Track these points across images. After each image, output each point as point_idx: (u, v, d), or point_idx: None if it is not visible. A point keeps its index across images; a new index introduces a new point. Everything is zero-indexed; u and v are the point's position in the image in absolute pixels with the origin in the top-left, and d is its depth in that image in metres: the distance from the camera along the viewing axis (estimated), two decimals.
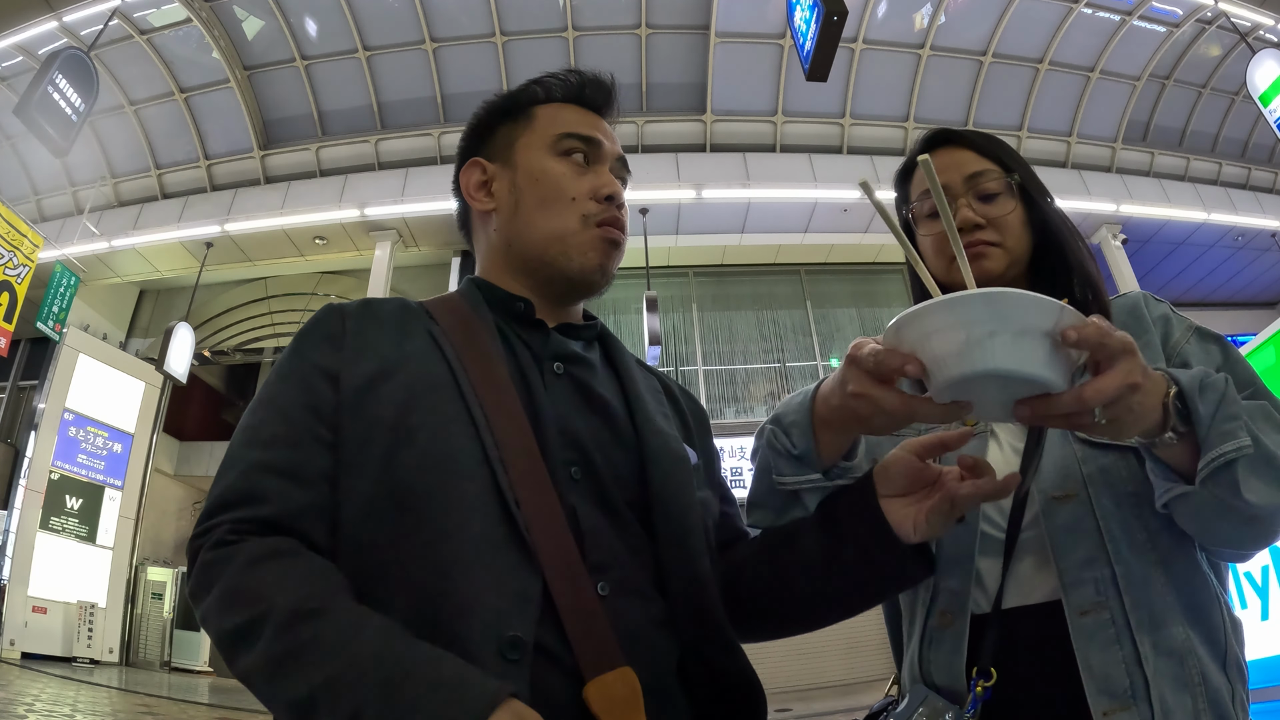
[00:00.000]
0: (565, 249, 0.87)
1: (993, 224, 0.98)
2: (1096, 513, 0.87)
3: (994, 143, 1.03)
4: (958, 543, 0.93)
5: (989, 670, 0.87)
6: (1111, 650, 0.83)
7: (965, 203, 0.98)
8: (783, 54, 10.51)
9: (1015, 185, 0.99)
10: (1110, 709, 0.81)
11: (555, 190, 0.88)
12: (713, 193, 10.58)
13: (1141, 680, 0.82)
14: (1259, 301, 13.80)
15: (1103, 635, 0.84)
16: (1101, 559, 0.86)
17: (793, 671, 9.40)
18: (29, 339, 11.79)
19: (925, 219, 1.03)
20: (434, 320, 0.85)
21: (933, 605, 0.95)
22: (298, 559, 0.68)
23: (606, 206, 0.89)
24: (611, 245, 0.89)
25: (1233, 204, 12.12)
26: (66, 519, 10.61)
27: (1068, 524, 0.88)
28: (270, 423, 0.75)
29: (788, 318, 11.80)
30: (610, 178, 0.91)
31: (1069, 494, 0.89)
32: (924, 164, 0.70)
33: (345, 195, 10.74)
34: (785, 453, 0.85)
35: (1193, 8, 10.74)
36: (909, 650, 0.98)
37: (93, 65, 8.59)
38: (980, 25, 10.78)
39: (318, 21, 10.40)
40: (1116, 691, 0.82)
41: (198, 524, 0.71)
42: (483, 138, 0.96)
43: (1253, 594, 2.49)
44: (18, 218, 9.75)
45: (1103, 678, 0.83)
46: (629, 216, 0.93)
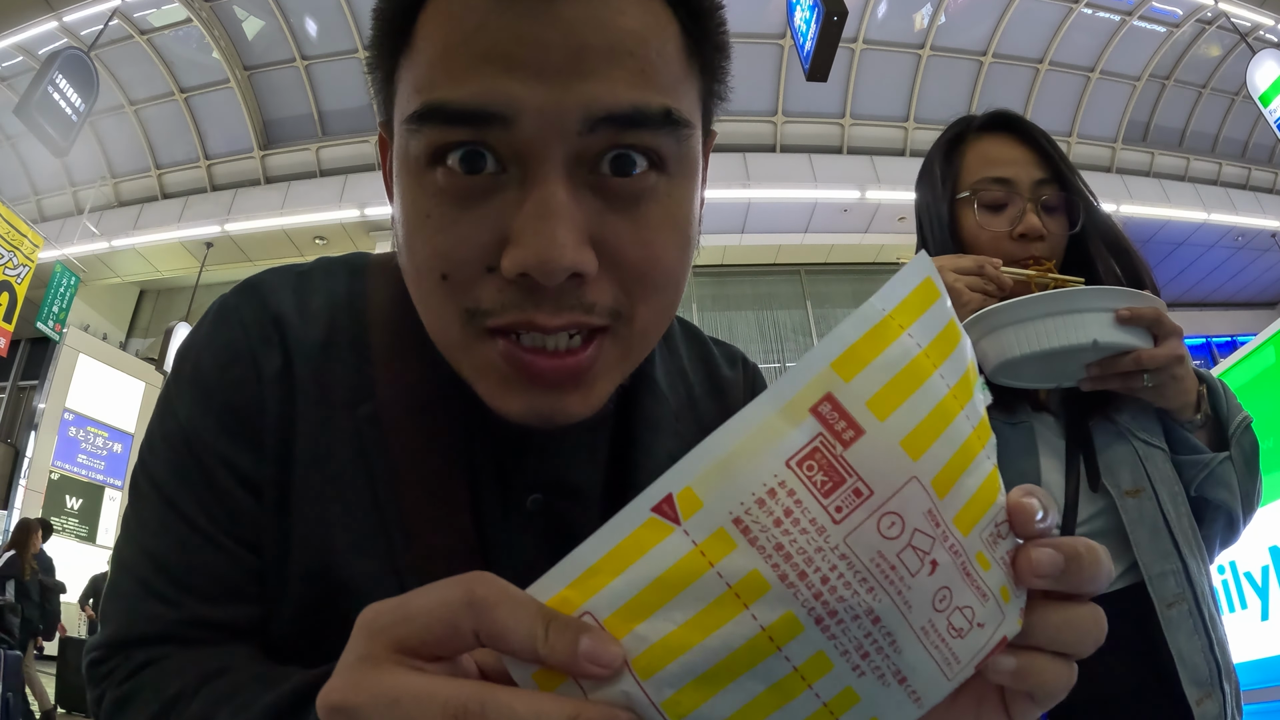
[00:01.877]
0: (462, 369, 0.45)
1: (1049, 238, 0.98)
2: (1162, 508, 0.92)
3: (1057, 151, 1.01)
4: None
5: None
6: (1194, 640, 0.87)
7: (1032, 208, 0.97)
8: (783, 54, 10.50)
9: (1072, 205, 1.00)
10: (1200, 697, 0.85)
11: (414, 254, 0.43)
12: (712, 193, 10.54)
13: (1216, 668, 0.87)
14: (1259, 301, 13.80)
15: (1186, 626, 0.88)
16: (1173, 553, 0.91)
17: None
18: (29, 339, 11.79)
19: (984, 209, 0.98)
20: (375, 394, 0.51)
21: None
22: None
23: (515, 293, 0.40)
24: (528, 381, 0.42)
25: (1233, 204, 12.12)
26: (67, 519, 10.61)
27: (1141, 518, 0.91)
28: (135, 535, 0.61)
29: (788, 318, 11.80)
30: (539, 210, 0.37)
31: (1139, 489, 0.92)
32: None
33: (345, 195, 10.74)
34: None
35: (1193, 8, 10.74)
36: None
37: (93, 65, 8.59)
38: (980, 25, 10.78)
39: (318, 21, 10.40)
40: (1202, 680, 0.86)
41: None
42: (377, 83, 0.52)
43: (1253, 594, 2.49)
44: (18, 218, 9.75)
45: (1193, 667, 0.86)
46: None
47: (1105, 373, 0.86)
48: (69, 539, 10.61)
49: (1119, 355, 0.84)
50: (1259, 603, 2.46)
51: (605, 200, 0.40)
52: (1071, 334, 0.83)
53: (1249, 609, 2.49)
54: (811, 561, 0.24)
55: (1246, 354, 2.72)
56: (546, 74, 0.37)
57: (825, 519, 0.24)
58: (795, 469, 0.25)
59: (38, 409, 10.91)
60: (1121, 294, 0.85)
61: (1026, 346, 0.84)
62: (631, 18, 0.38)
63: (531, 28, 0.36)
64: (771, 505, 0.24)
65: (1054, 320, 0.83)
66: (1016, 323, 0.85)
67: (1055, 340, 0.83)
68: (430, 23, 0.40)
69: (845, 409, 0.25)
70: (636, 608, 0.24)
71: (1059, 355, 0.84)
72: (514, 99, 0.37)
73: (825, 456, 0.25)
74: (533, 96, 0.37)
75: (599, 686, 0.25)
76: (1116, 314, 0.82)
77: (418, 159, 0.41)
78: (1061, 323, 0.83)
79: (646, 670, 0.24)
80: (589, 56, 0.37)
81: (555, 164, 0.38)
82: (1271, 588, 2.41)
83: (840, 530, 0.24)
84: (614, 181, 0.40)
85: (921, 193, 1.08)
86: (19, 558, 6.01)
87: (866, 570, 0.24)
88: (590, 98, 0.37)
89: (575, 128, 0.38)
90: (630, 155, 0.39)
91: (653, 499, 0.25)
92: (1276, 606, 2.39)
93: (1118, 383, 0.87)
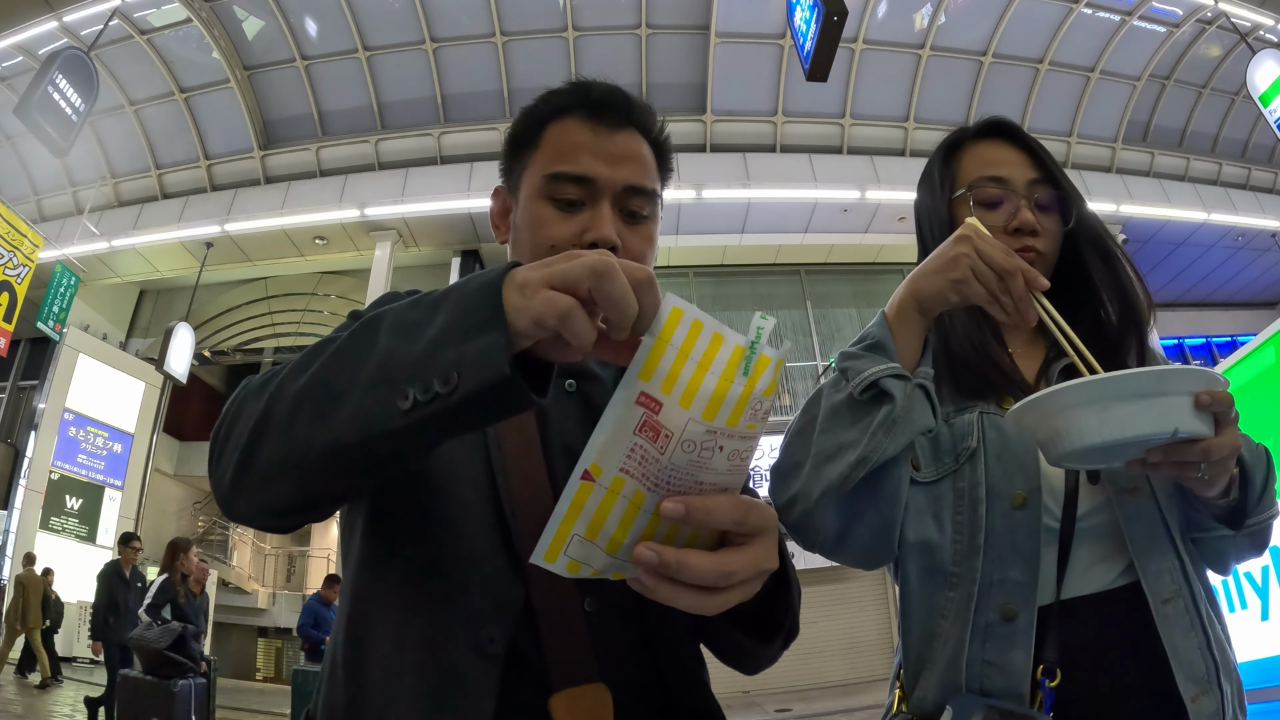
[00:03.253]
0: None
1: (1044, 234, 0.99)
2: (1160, 506, 0.91)
3: (1049, 157, 1.03)
4: (1017, 531, 0.89)
5: (1054, 669, 0.85)
6: (1190, 637, 0.87)
7: (1027, 204, 0.99)
8: (783, 54, 10.51)
9: (1067, 204, 1.01)
10: (1196, 694, 0.85)
11: (534, 237, 0.82)
12: (713, 193, 10.57)
13: (1214, 666, 0.86)
14: (1259, 301, 13.81)
15: (1182, 623, 0.87)
16: (1170, 550, 0.90)
17: (793, 671, 9.41)
18: (29, 339, 11.80)
19: (981, 207, 1.00)
20: None
21: (984, 600, 0.89)
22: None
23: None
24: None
25: (1233, 204, 12.13)
26: (66, 519, 10.61)
27: (1138, 516, 0.91)
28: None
29: (788, 318, 11.79)
30: (602, 218, 0.80)
31: (1137, 488, 0.91)
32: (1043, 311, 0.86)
33: (345, 195, 10.75)
34: (856, 353, 0.88)
35: (1193, 8, 10.75)
36: (944, 654, 0.90)
37: (93, 65, 8.59)
38: (980, 25, 10.78)
39: (318, 21, 10.40)
40: (1198, 677, 0.85)
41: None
42: (507, 161, 0.91)
43: (1253, 594, 2.49)
44: (18, 218, 9.76)
45: (1189, 664, 0.85)
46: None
47: (1168, 459, 0.77)
48: (69, 539, 10.61)
49: (1188, 443, 0.75)
50: (1259, 603, 2.46)
51: (624, 223, 0.83)
52: (1156, 421, 0.73)
53: (1249, 609, 2.50)
54: (661, 475, 0.48)
55: (1246, 354, 2.72)
56: (607, 163, 0.82)
57: (656, 454, 0.47)
58: (638, 434, 0.47)
59: (38, 409, 10.92)
60: (1200, 375, 0.75)
61: (1105, 434, 0.73)
62: (639, 146, 0.85)
63: (603, 144, 0.83)
64: (634, 456, 0.47)
65: (1138, 405, 0.73)
66: (1092, 404, 0.74)
67: (1138, 428, 0.73)
68: (554, 135, 0.85)
69: (650, 395, 0.46)
70: (593, 525, 0.49)
71: (1133, 445, 0.76)
72: (595, 172, 0.82)
73: (648, 423, 0.47)
74: (602, 172, 0.82)
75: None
76: (1196, 398, 0.73)
77: (544, 193, 0.83)
78: (1146, 408, 0.73)
79: (608, 544, 0.49)
80: (625, 159, 0.83)
81: (607, 202, 0.82)
82: (1271, 588, 2.41)
83: (664, 458, 0.47)
84: (629, 218, 0.84)
85: (921, 196, 1.11)
86: (170, 581, 5.50)
87: (689, 467, 0.48)
88: (625, 176, 0.82)
89: (618, 188, 0.82)
90: (635, 211, 0.84)
91: (581, 469, 0.48)
92: (1276, 606, 2.40)
93: (1173, 469, 0.79)
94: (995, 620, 0.88)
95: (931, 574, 0.93)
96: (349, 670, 0.69)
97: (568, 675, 0.68)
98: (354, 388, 0.54)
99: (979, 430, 0.94)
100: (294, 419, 0.56)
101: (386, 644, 0.68)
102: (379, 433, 0.53)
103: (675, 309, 0.48)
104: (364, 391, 0.53)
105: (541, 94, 0.88)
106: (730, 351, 0.47)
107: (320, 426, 0.55)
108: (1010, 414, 0.81)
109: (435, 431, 0.54)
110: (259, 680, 16.54)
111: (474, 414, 0.52)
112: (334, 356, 0.57)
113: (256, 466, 0.58)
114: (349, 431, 0.53)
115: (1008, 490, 0.91)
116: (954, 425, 0.96)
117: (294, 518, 0.63)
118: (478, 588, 0.69)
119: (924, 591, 0.94)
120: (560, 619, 0.70)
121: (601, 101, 0.84)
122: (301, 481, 0.58)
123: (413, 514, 0.72)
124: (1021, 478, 0.91)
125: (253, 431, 0.58)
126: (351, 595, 0.73)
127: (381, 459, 0.56)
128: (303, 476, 0.58)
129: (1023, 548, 0.89)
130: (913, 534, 0.94)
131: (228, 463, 0.60)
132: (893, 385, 0.83)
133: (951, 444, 0.95)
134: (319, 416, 0.55)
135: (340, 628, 0.73)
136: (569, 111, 0.84)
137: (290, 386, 0.58)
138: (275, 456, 0.57)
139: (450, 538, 0.71)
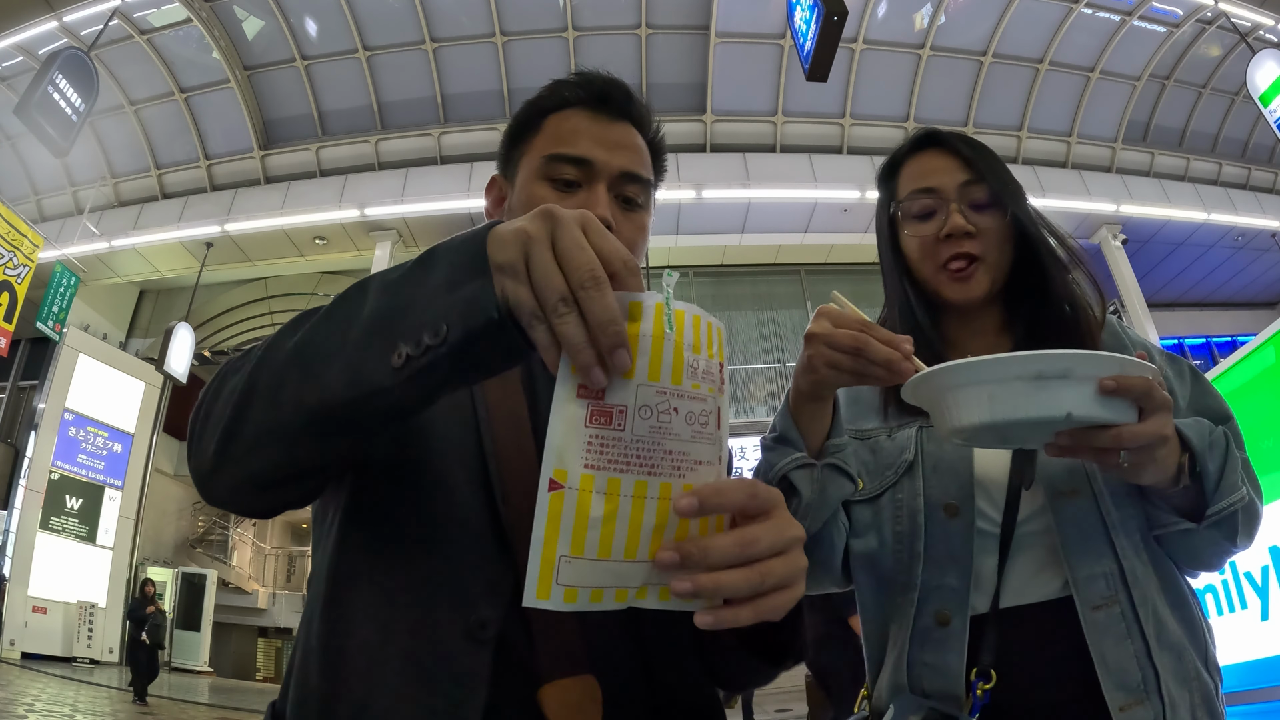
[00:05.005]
0: None
1: (982, 234, 0.98)
2: (1101, 509, 0.89)
3: (982, 154, 1.03)
4: (952, 538, 0.92)
5: (989, 672, 0.86)
6: (1124, 645, 0.84)
7: (956, 208, 0.99)
8: (783, 54, 10.51)
9: (1001, 198, 0.99)
10: (1127, 703, 0.82)
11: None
12: (713, 193, 10.58)
13: (1152, 674, 0.83)
14: (1259, 301, 13.81)
15: (1115, 630, 0.85)
16: (1109, 554, 0.87)
17: (794, 671, 9.39)
18: (29, 339, 11.80)
19: (913, 219, 1.03)
20: None
21: (923, 605, 0.92)
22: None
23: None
24: None
25: (1233, 204, 12.13)
26: (66, 519, 10.62)
27: (1075, 519, 0.89)
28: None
29: (788, 318, 11.80)
30: (598, 199, 0.81)
31: (1075, 490, 0.90)
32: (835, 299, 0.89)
33: (345, 195, 10.75)
34: (770, 444, 0.91)
35: (1193, 8, 10.75)
36: (891, 656, 0.94)
37: (93, 65, 8.59)
38: (980, 25, 10.78)
39: (318, 21, 10.41)
40: (1131, 686, 0.83)
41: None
42: (505, 150, 0.91)
43: (1253, 594, 2.49)
44: (18, 218, 9.76)
45: (1118, 672, 0.83)
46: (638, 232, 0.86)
47: (1076, 444, 0.75)
48: (69, 539, 10.61)
49: (1097, 428, 0.73)
50: (1259, 603, 2.46)
51: (620, 207, 0.85)
52: (1043, 405, 0.71)
53: (1249, 609, 2.50)
54: (628, 452, 0.47)
55: (1246, 354, 2.72)
56: (605, 149, 0.84)
57: (616, 434, 0.47)
58: (590, 425, 0.47)
59: (38, 409, 10.93)
60: (1108, 360, 0.72)
61: (987, 414, 0.72)
62: (636, 138, 0.87)
63: (602, 131, 0.85)
64: (593, 448, 0.47)
65: (1024, 386, 0.71)
66: (977, 384, 0.73)
67: (1023, 410, 0.71)
68: (554, 123, 0.86)
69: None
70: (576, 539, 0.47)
71: (1024, 426, 0.74)
72: (593, 155, 0.83)
73: (595, 411, 0.47)
74: (600, 155, 0.83)
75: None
76: (1100, 384, 0.71)
77: (542, 174, 0.84)
78: (1033, 389, 0.71)
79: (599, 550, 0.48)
80: (622, 147, 0.85)
81: (603, 184, 0.83)
82: (1271, 588, 2.41)
83: (626, 433, 0.47)
84: (624, 204, 0.85)
85: (875, 218, 1.14)
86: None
87: (651, 435, 0.48)
88: (622, 162, 0.84)
89: (615, 173, 0.84)
90: (630, 198, 0.85)
91: (546, 481, 0.47)
92: (1276, 606, 2.40)
93: (1089, 455, 0.77)
94: (931, 624, 0.91)
95: (881, 582, 0.98)
96: (325, 658, 0.66)
97: (557, 666, 0.66)
98: (344, 346, 0.53)
99: (916, 443, 0.98)
100: (283, 382, 0.56)
101: (369, 629, 0.65)
102: (372, 389, 0.52)
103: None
104: (355, 348, 0.53)
105: (545, 85, 0.90)
106: (652, 309, 0.48)
107: (311, 386, 0.54)
108: (906, 386, 0.79)
109: (429, 385, 0.53)
110: (259, 680, 16.56)
111: (467, 365, 0.51)
112: (323, 319, 0.57)
113: (243, 435, 0.58)
114: (341, 389, 0.53)
115: (942, 500, 0.94)
116: (895, 439, 0.99)
117: (277, 492, 0.62)
118: (469, 571, 0.67)
119: (876, 598, 0.99)
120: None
121: (603, 93, 0.86)
122: (290, 446, 0.57)
123: (398, 495, 0.70)
124: (956, 487, 0.93)
125: (239, 400, 0.58)
126: (328, 580, 0.69)
127: (375, 416, 0.56)
128: (291, 441, 0.57)
129: (958, 554, 0.91)
130: (859, 547, 0.98)
131: (210, 437, 0.60)
132: (799, 478, 0.88)
133: (891, 458, 0.99)
134: (310, 377, 0.54)
135: (314, 615, 0.69)
136: (572, 104, 0.86)
137: (276, 354, 0.57)
138: (263, 420, 0.57)
139: (439, 518, 0.69)
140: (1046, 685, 0.86)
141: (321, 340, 0.55)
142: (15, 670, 8.55)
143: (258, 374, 0.57)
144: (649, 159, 0.89)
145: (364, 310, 0.54)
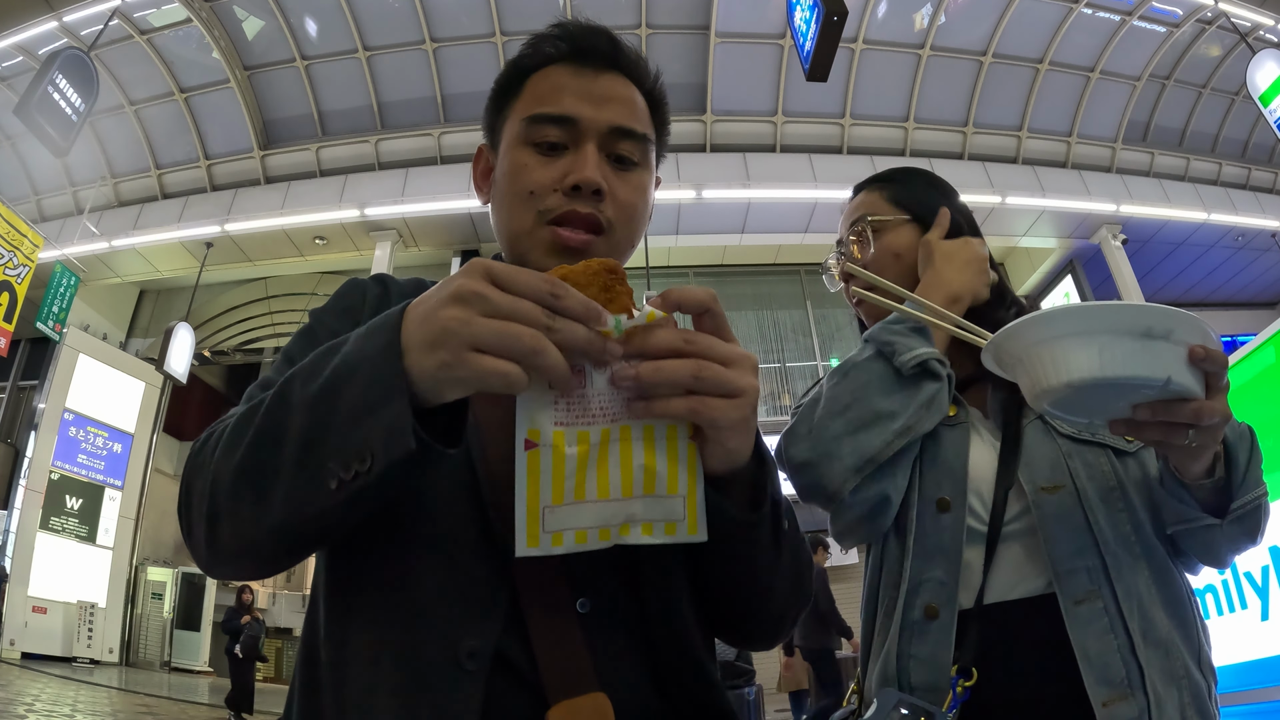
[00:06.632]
0: (521, 252, 0.77)
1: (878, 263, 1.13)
2: (1084, 504, 0.90)
3: (896, 184, 1.15)
4: (943, 533, 0.93)
5: (970, 669, 0.86)
6: (1107, 639, 0.84)
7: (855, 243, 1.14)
8: (783, 54, 10.51)
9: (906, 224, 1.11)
10: (1110, 699, 0.82)
11: (515, 183, 0.76)
12: (713, 193, 10.58)
13: (1137, 669, 0.83)
14: (1259, 301, 13.81)
15: (1098, 624, 0.84)
16: (1091, 549, 0.88)
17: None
18: (29, 339, 11.80)
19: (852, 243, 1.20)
20: None
21: (912, 598, 0.92)
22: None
23: (567, 199, 0.74)
24: (561, 249, 0.74)
25: (1233, 204, 12.13)
26: (66, 519, 10.61)
27: (1058, 514, 0.89)
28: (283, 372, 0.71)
29: (788, 318, 11.80)
30: (586, 160, 0.74)
31: (1058, 485, 0.91)
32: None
33: (345, 195, 10.75)
34: (902, 332, 0.97)
35: (1193, 8, 10.75)
36: (883, 648, 0.95)
37: (93, 65, 8.59)
38: (980, 25, 10.78)
39: (318, 21, 10.40)
40: (1115, 680, 0.82)
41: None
42: (490, 117, 0.85)
43: (1253, 594, 2.49)
44: (18, 218, 9.76)
45: (1101, 666, 0.83)
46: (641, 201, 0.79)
47: (1155, 418, 0.69)
48: (69, 539, 10.61)
49: (1180, 401, 0.67)
50: (1259, 603, 2.45)
51: (612, 168, 0.77)
52: (1150, 364, 0.64)
53: (1249, 609, 2.49)
54: (592, 405, 0.53)
55: (1246, 354, 2.72)
56: (591, 104, 0.76)
57: (579, 392, 0.53)
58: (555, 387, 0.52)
59: (38, 409, 10.92)
60: (1198, 326, 0.65)
61: (1096, 369, 0.64)
62: (627, 90, 0.79)
63: (586, 85, 0.77)
64: (560, 406, 0.52)
65: (1133, 342, 0.64)
66: (1088, 334, 0.64)
67: (1131, 367, 0.64)
68: (535, 82, 0.79)
69: None
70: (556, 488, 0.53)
71: (1126, 387, 0.66)
72: (577, 112, 0.76)
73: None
74: (585, 112, 0.76)
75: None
76: (1191, 351, 0.65)
77: (524, 138, 0.77)
78: (1141, 346, 0.64)
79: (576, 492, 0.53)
80: (610, 100, 0.77)
81: (592, 143, 0.76)
82: (1271, 588, 2.41)
83: (588, 389, 0.53)
84: (617, 163, 0.78)
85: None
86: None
87: (610, 387, 0.54)
88: (610, 116, 0.77)
89: (603, 130, 0.76)
90: (624, 156, 0.78)
91: (521, 442, 0.52)
92: (1276, 606, 2.39)
93: (1159, 432, 0.71)
94: (919, 618, 0.92)
95: (876, 574, 1.00)
96: (326, 688, 0.63)
97: (564, 686, 0.62)
98: (281, 471, 0.55)
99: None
100: (237, 504, 0.57)
101: (360, 662, 0.62)
102: (317, 510, 0.54)
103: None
104: (290, 474, 0.54)
105: (527, 41, 0.82)
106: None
107: (264, 508, 0.56)
108: (991, 343, 0.71)
109: (375, 498, 0.55)
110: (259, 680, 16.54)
111: (402, 479, 0.53)
112: (258, 436, 0.57)
113: (221, 550, 0.60)
114: (287, 514, 0.55)
115: (935, 495, 0.95)
116: None
117: (277, 570, 0.64)
118: (456, 596, 0.63)
119: (871, 590, 1.01)
120: (552, 624, 0.64)
121: (586, 42, 0.78)
122: (262, 559, 0.60)
123: (383, 518, 0.65)
124: (949, 483, 0.95)
125: (208, 516, 0.59)
126: (327, 612, 0.66)
127: (334, 527, 0.58)
128: (261, 555, 0.60)
129: (947, 549, 0.92)
130: None
131: (197, 541, 0.62)
132: (940, 369, 0.93)
133: None
134: (259, 500, 0.56)
135: (317, 626, 0.66)
136: (554, 60, 0.79)
137: (225, 469, 0.58)
138: (232, 542, 0.59)
139: (425, 538, 0.65)
140: (1030, 681, 0.87)
141: (264, 461, 0.56)
142: (15, 670, 8.55)
143: (216, 496, 0.58)
144: (645, 112, 0.80)
145: (292, 429, 0.55)
